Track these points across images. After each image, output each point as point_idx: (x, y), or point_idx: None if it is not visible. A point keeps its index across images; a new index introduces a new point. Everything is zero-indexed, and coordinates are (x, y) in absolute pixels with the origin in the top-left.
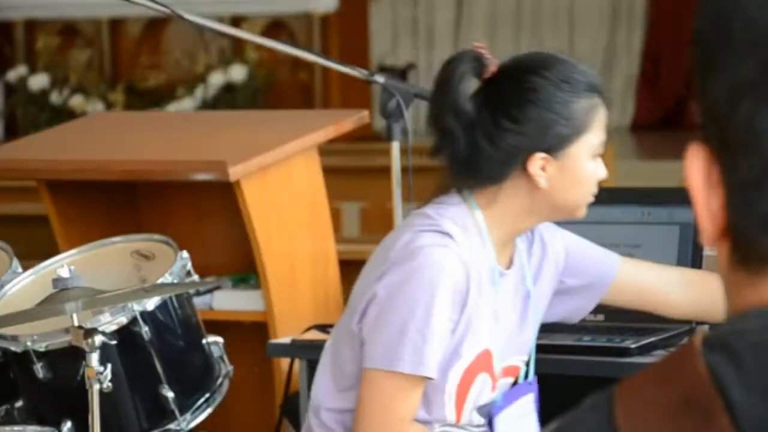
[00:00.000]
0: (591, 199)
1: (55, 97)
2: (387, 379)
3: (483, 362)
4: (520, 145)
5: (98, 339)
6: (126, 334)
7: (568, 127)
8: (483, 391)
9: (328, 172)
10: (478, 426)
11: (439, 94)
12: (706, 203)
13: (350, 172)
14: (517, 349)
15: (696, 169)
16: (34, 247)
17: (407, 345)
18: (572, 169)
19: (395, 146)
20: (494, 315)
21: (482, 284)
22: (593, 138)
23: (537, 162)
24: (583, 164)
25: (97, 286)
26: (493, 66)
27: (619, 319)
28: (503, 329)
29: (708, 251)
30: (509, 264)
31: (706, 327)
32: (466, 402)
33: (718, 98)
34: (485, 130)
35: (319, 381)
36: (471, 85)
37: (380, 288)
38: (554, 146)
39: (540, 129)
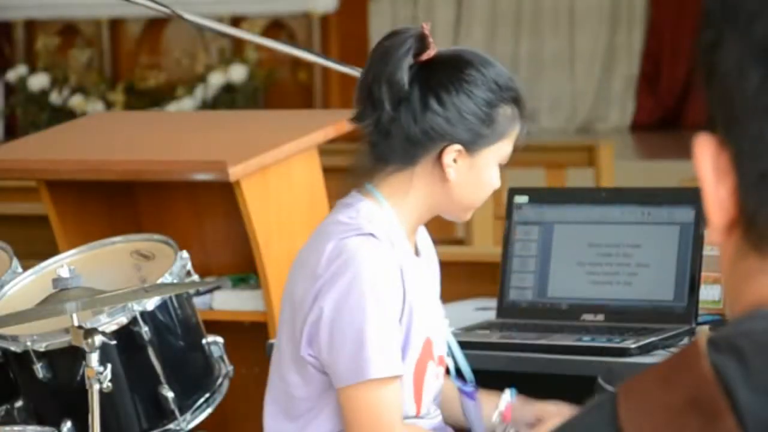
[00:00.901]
0: (480, 204)
1: (55, 97)
2: (364, 390)
3: (428, 351)
4: (441, 131)
5: (98, 339)
6: (126, 334)
7: (489, 128)
8: (433, 380)
9: (328, 172)
10: (434, 418)
11: (376, 63)
12: (715, 192)
13: None
14: (442, 336)
15: (704, 159)
16: (34, 247)
17: (371, 351)
18: (480, 169)
19: None
20: (423, 302)
21: (408, 274)
22: (506, 147)
23: (452, 153)
24: (490, 168)
25: (97, 286)
26: (432, 50)
27: (619, 319)
28: (433, 315)
29: (708, 251)
30: (417, 252)
31: (706, 327)
32: (423, 393)
33: (728, 71)
34: (412, 107)
35: (268, 416)
36: (409, 61)
37: (324, 307)
38: (472, 142)
39: (464, 121)
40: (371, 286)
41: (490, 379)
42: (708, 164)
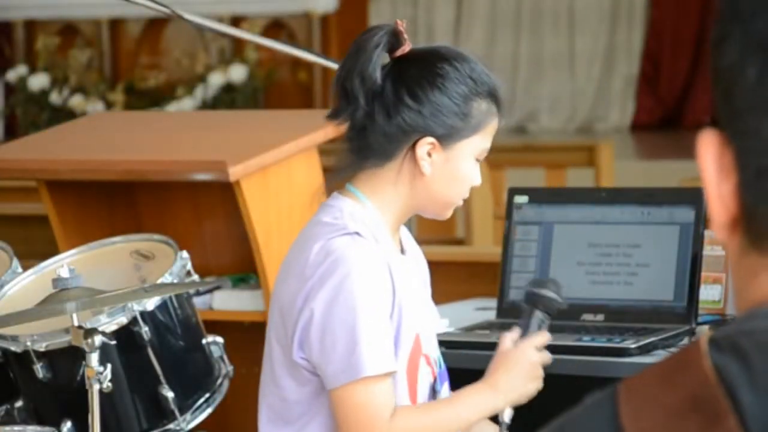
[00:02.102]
0: (461, 201)
1: (55, 97)
2: (358, 388)
3: (418, 347)
4: (415, 125)
5: (98, 339)
6: (126, 334)
7: (463, 121)
8: (426, 375)
9: (328, 172)
10: None
11: (350, 58)
12: (718, 189)
13: None
14: (432, 334)
15: (707, 155)
16: (34, 247)
17: (363, 348)
18: (455, 163)
19: None
20: (411, 299)
21: (396, 271)
22: (481, 141)
23: (425, 146)
24: (466, 162)
25: (97, 286)
26: (407, 47)
27: (619, 319)
28: (420, 313)
29: (708, 251)
30: (402, 251)
31: (706, 327)
32: (418, 389)
33: (730, 65)
34: (385, 102)
35: (263, 421)
36: (383, 56)
37: (315, 309)
38: (445, 135)
39: (437, 114)
40: (360, 284)
41: None
42: (711, 161)
